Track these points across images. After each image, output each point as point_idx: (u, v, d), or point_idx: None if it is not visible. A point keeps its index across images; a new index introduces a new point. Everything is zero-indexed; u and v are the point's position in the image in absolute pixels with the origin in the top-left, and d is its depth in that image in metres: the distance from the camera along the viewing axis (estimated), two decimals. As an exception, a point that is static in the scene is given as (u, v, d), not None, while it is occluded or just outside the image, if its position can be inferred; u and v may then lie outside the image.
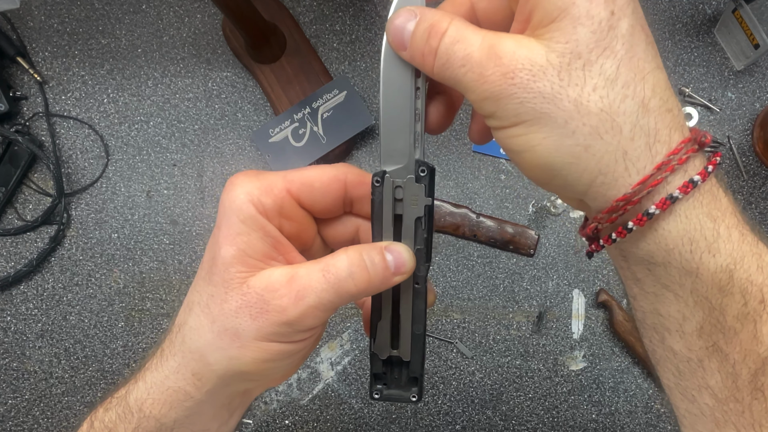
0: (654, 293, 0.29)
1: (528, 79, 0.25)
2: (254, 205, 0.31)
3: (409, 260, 0.32)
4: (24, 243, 0.83)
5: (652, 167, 0.25)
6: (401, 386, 0.37)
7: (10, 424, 0.81)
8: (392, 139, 0.33)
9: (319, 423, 0.80)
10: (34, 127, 0.84)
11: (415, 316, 0.35)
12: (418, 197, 0.33)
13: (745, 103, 0.80)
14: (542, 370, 0.79)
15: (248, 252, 0.31)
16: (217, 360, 0.32)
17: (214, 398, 0.34)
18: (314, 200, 0.34)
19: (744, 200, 0.79)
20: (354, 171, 0.34)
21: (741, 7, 0.74)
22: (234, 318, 0.31)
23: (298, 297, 0.30)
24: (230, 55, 0.83)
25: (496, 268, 0.81)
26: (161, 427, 0.34)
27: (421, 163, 0.33)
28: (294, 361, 0.34)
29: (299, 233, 0.34)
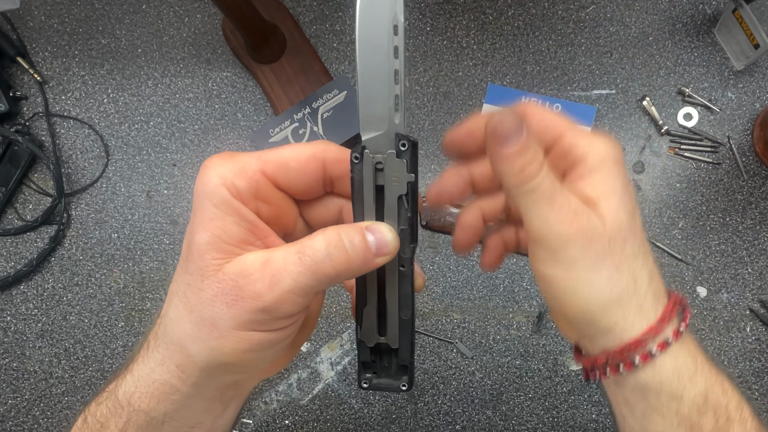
0: (643, 414, 0.35)
1: (590, 237, 0.31)
2: (227, 188, 0.30)
3: (391, 240, 0.31)
4: (24, 243, 0.83)
5: (656, 319, 0.33)
6: (391, 375, 0.36)
7: (10, 424, 0.81)
8: (370, 102, 0.31)
9: (319, 423, 0.80)
10: (34, 127, 0.84)
11: (402, 300, 0.34)
12: (400, 174, 0.31)
13: (745, 103, 0.80)
14: (542, 370, 0.79)
15: (223, 238, 0.30)
16: (198, 351, 0.31)
17: (202, 391, 0.33)
18: (291, 181, 0.32)
19: (744, 200, 0.79)
20: (332, 148, 0.32)
21: (741, 7, 0.74)
22: (210, 307, 0.30)
23: (273, 281, 0.29)
24: (230, 55, 0.83)
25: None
26: (151, 420, 0.33)
27: (402, 137, 0.31)
28: (278, 350, 0.33)
29: (278, 216, 0.33)
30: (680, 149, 0.80)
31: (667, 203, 0.80)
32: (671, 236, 0.79)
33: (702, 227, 0.79)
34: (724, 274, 0.79)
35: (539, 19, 0.82)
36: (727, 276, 0.79)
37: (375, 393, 0.80)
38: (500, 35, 0.82)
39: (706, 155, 0.80)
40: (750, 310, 0.78)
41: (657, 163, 0.80)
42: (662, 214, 0.80)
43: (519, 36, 0.82)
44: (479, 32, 0.82)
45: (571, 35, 0.82)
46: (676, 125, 0.80)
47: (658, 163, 0.80)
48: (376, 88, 0.31)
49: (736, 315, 0.78)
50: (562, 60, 0.81)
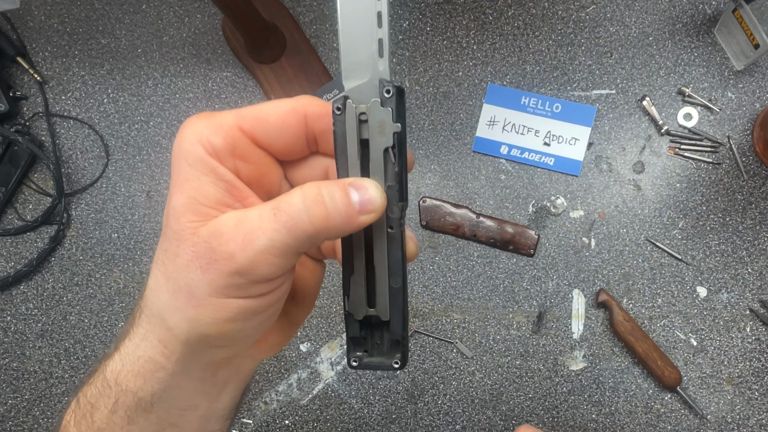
0: None
1: None
2: (203, 146, 0.28)
3: (377, 197, 0.28)
4: (24, 243, 0.83)
5: None
6: (383, 353, 0.33)
7: (10, 424, 0.81)
8: (352, 47, 0.28)
9: (319, 423, 0.80)
10: (34, 127, 0.84)
11: (392, 266, 0.31)
12: (385, 123, 0.29)
13: (745, 103, 0.80)
14: (542, 370, 0.79)
15: (199, 199, 0.28)
16: (177, 323, 0.29)
17: (188, 369, 0.31)
18: (271, 137, 0.29)
19: (744, 200, 0.79)
20: (315, 102, 0.30)
21: (741, 7, 0.74)
22: (186, 273, 0.27)
23: (246, 240, 0.26)
24: (230, 55, 0.83)
25: (496, 268, 0.81)
26: (139, 402, 0.31)
27: (386, 83, 0.28)
28: (263, 321, 0.30)
29: (260, 177, 0.30)
30: (680, 149, 0.80)
31: (667, 203, 0.80)
32: (671, 236, 0.79)
33: (702, 227, 0.79)
34: (724, 274, 0.79)
35: (539, 19, 0.82)
36: (727, 276, 0.79)
37: (375, 393, 0.80)
38: (500, 35, 0.82)
39: (706, 155, 0.80)
40: (750, 310, 0.78)
41: (657, 163, 0.80)
42: (662, 214, 0.80)
43: (519, 36, 0.82)
44: (479, 32, 0.82)
45: (571, 35, 0.82)
46: (676, 125, 0.80)
47: (658, 163, 0.80)
48: (358, 31, 0.28)
49: (736, 315, 0.78)
50: (562, 60, 0.81)
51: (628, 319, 0.77)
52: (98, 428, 0.33)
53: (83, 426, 0.33)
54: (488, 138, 0.81)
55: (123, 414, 0.32)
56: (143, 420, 0.32)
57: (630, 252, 0.80)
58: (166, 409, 0.32)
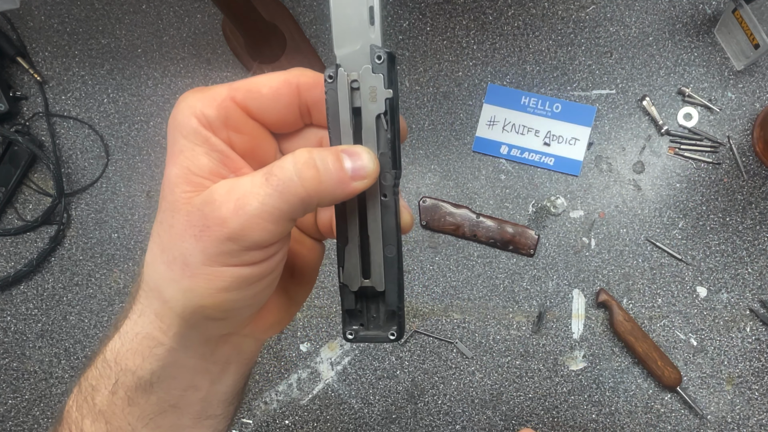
0: None
1: None
2: (197, 118, 0.28)
3: (369, 162, 0.28)
4: (24, 243, 0.83)
5: None
6: (379, 325, 0.32)
7: (10, 424, 0.81)
8: (344, 13, 0.28)
9: (319, 423, 0.80)
10: (34, 127, 0.84)
11: (386, 235, 0.30)
12: (376, 90, 0.29)
13: (745, 103, 0.80)
14: (542, 370, 0.79)
15: (193, 169, 0.28)
16: (173, 295, 0.29)
17: (187, 345, 0.31)
18: (264, 108, 0.30)
19: (744, 200, 0.79)
20: (307, 73, 0.30)
21: (741, 7, 0.74)
22: (180, 242, 0.27)
23: (238, 205, 0.26)
24: (230, 55, 0.83)
25: (496, 268, 0.81)
26: (139, 381, 0.31)
27: (377, 49, 0.28)
28: (258, 292, 0.30)
29: (254, 149, 0.30)
30: (680, 149, 0.80)
31: (667, 203, 0.80)
32: (671, 236, 0.79)
33: (702, 227, 0.79)
34: (724, 274, 0.79)
35: (539, 19, 0.82)
36: (727, 276, 0.79)
37: (375, 393, 0.80)
38: (500, 35, 0.82)
39: (706, 155, 0.80)
40: (750, 310, 0.78)
41: (657, 163, 0.80)
42: (662, 214, 0.80)
43: (519, 36, 0.82)
44: (479, 32, 0.82)
45: (571, 35, 0.82)
46: (676, 125, 0.80)
47: (658, 163, 0.80)
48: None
49: (736, 315, 0.78)
50: (562, 60, 0.81)
51: (628, 319, 0.77)
52: (99, 411, 0.32)
53: (84, 409, 0.33)
54: (488, 138, 0.81)
55: (123, 395, 0.32)
56: (143, 401, 0.32)
57: (630, 252, 0.80)
58: (165, 390, 0.32)
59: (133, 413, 0.32)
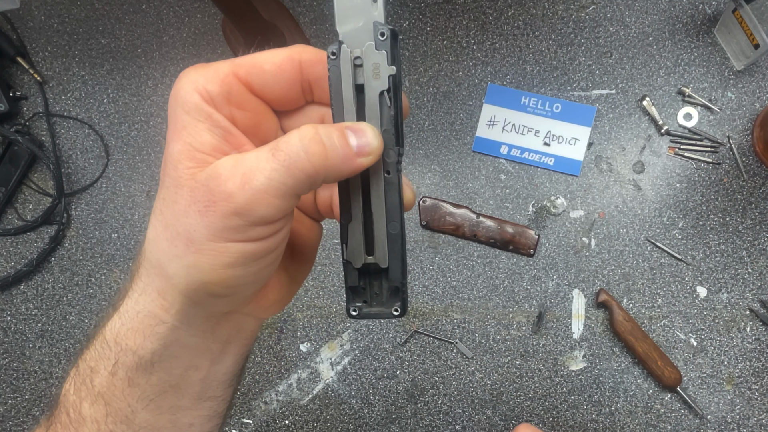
0: None
1: None
2: (199, 93, 0.28)
3: (374, 139, 0.29)
4: (24, 243, 0.83)
5: None
6: (383, 302, 0.33)
7: (10, 424, 0.81)
8: None
9: (319, 423, 0.80)
10: (34, 127, 0.84)
11: (389, 212, 0.30)
12: (380, 67, 0.29)
13: (745, 103, 0.80)
14: (542, 370, 0.79)
15: (195, 145, 0.28)
16: (176, 271, 0.28)
17: (189, 322, 0.31)
18: (266, 85, 0.30)
19: (744, 200, 0.79)
20: (309, 50, 0.30)
21: (741, 7, 0.74)
22: (184, 218, 0.27)
23: (245, 180, 0.26)
24: (230, 55, 0.83)
25: (496, 268, 0.81)
26: (140, 361, 0.31)
27: (380, 26, 0.28)
28: (261, 268, 0.30)
29: (256, 125, 0.30)
30: (680, 149, 0.80)
31: (667, 203, 0.80)
32: (671, 236, 0.79)
33: (702, 227, 0.79)
34: (724, 274, 0.79)
35: (539, 19, 0.82)
36: (727, 276, 0.79)
37: (375, 393, 0.80)
38: (500, 35, 0.82)
39: (706, 155, 0.80)
40: (750, 310, 0.78)
41: (657, 163, 0.80)
42: (662, 214, 0.80)
43: (519, 36, 0.82)
44: (479, 32, 0.82)
45: (571, 35, 0.82)
46: (676, 125, 0.80)
47: (658, 163, 0.80)
48: None
49: (736, 315, 0.78)
50: (562, 60, 0.81)
51: (628, 319, 0.77)
52: (98, 393, 0.32)
53: (83, 391, 0.33)
54: (488, 138, 0.81)
55: (123, 375, 0.31)
56: (144, 381, 0.32)
57: (630, 252, 0.80)
58: (166, 369, 0.32)
59: (133, 394, 0.32)
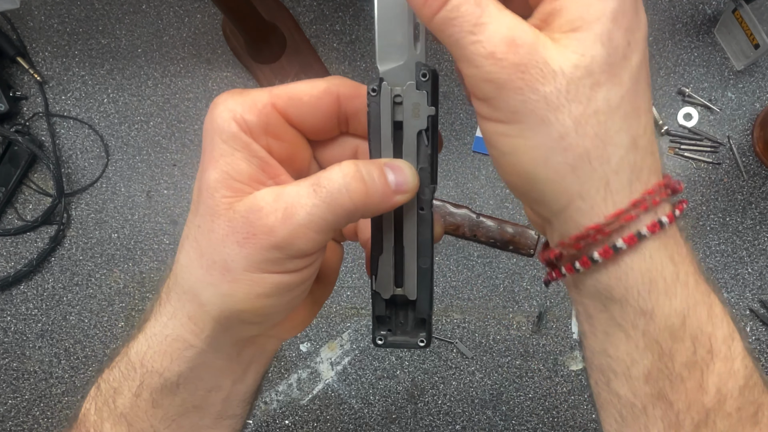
0: (605, 332, 0.29)
1: (538, 78, 0.24)
2: (237, 122, 0.28)
3: (412, 178, 0.29)
4: (24, 243, 0.83)
5: (629, 202, 0.25)
6: (407, 332, 0.33)
7: (10, 424, 0.81)
8: (389, 29, 0.28)
9: (319, 423, 0.80)
10: (34, 127, 0.84)
11: (421, 247, 0.31)
12: (420, 106, 0.29)
13: (745, 103, 0.80)
14: (542, 370, 0.79)
15: (233, 174, 0.28)
16: (209, 299, 0.28)
17: (218, 347, 0.31)
18: (304, 116, 0.30)
19: (744, 200, 0.79)
20: (347, 83, 0.30)
21: (741, 7, 0.74)
22: (222, 248, 0.27)
23: (286, 215, 0.26)
24: (230, 55, 0.83)
25: (496, 268, 0.81)
26: (165, 383, 0.31)
27: (422, 66, 0.29)
28: (295, 298, 0.30)
29: (291, 156, 0.30)
30: (680, 149, 0.80)
31: (667, 203, 0.80)
32: (671, 236, 0.79)
33: (702, 227, 0.79)
34: (724, 274, 0.79)
35: (539, 19, 0.82)
36: (727, 276, 0.79)
37: (375, 393, 0.80)
38: (500, 35, 0.82)
39: (706, 155, 0.80)
40: (750, 310, 0.78)
41: (657, 163, 0.80)
42: (662, 214, 0.80)
43: (519, 36, 0.82)
44: (479, 32, 0.82)
45: (571, 35, 0.82)
46: (676, 125, 0.80)
47: (658, 163, 0.80)
48: (395, 14, 0.28)
49: (736, 315, 0.78)
50: (562, 60, 0.81)
51: (628, 319, 0.77)
52: (120, 414, 0.32)
53: (105, 412, 0.33)
54: (488, 138, 0.81)
55: (147, 396, 0.31)
56: (168, 402, 0.32)
57: (630, 252, 0.79)
58: (191, 391, 0.32)
59: (156, 415, 0.32)
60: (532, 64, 0.24)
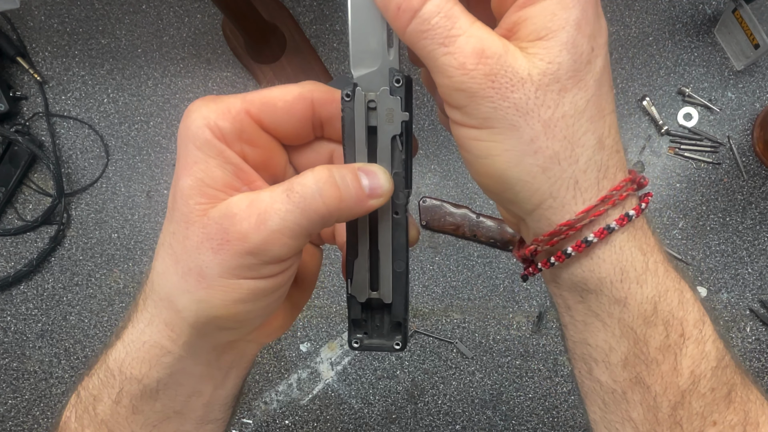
0: (583, 322, 0.30)
1: (507, 86, 0.25)
2: (210, 129, 0.28)
3: (385, 182, 0.29)
4: (24, 243, 0.83)
5: (597, 199, 0.27)
6: (383, 335, 0.34)
7: (10, 424, 0.81)
8: (362, 35, 0.29)
9: (319, 423, 0.80)
10: (34, 127, 0.84)
11: (396, 251, 0.32)
12: (393, 112, 0.29)
13: (745, 103, 0.80)
14: (542, 370, 0.79)
15: (207, 181, 0.28)
16: (186, 305, 0.28)
17: (195, 352, 0.31)
18: (278, 122, 0.30)
19: (744, 200, 0.79)
20: (322, 88, 0.30)
21: (741, 7, 0.74)
22: (197, 255, 0.27)
23: (260, 221, 0.27)
24: (230, 55, 0.83)
25: (496, 268, 0.81)
26: (144, 389, 0.31)
27: (396, 72, 0.29)
28: (271, 303, 0.30)
29: (266, 161, 0.30)
30: (680, 149, 0.80)
31: (667, 203, 0.80)
32: (671, 236, 0.79)
33: (702, 227, 0.79)
34: (724, 274, 0.79)
35: (539, 19, 0.82)
36: (727, 276, 0.79)
37: (375, 393, 0.80)
38: (500, 35, 0.82)
39: (706, 155, 0.80)
40: (750, 310, 0.78)
41: (657, 163, 0.80)
42: (662, 214, 0.80)
43: (519, 36, 0.82)
44: (479, 32, 0.82)
45: (571, 35, 0.82)
46: (676, 125, 0.80)
47: (658, 163, 0.80)
48: (368, 20, 0.28)
49: (736, 315, 0.78)
50: (562, 60, 0.81)
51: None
52: (101, 420, 0.32)
53: (85, 420, 0.33)
54: (488, 138, 0.81)
55: (128, 403, 0.31)
56: (148, 408, 0.32)
57: (630, 252, 0.79)
58: (171, 397, 0.32)
59: (137, 421, 0.32)
60: (502, 74, 0.25)
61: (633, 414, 0.30)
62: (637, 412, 0.30)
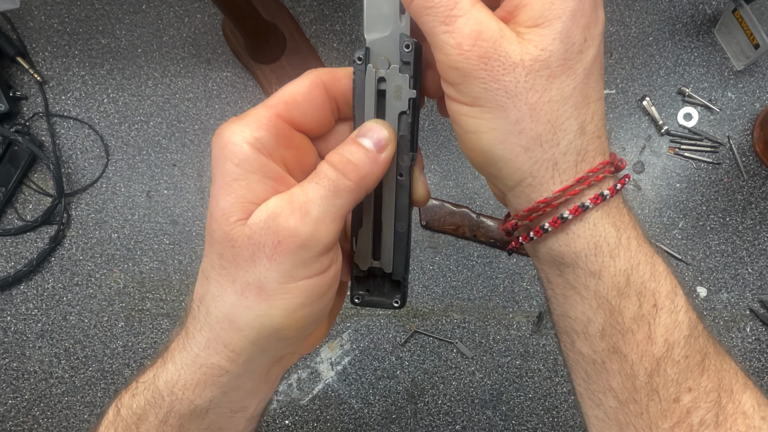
0: (563, 295, 0.32)
1: (499, 69, 0.27)
2: (249, 144, 0.29)
3: (384, 131, 0.30)
4: (24, 243, 0.83)
5: (574, 179, 0.29)
6: (383, 293, 0.35)
7: (10, 424, 0.81)
8: (376, 1, 0.30)
9: (319, 423, 0.80)
10: (34, 127, 0.84)
11: (398, 211, 0.33)
12: (401, 89, 0.31)
13: (745, 103, 0.80)
14: (542, 370, 0.79)
15: (249, 197, 0.28)
16: (247, 323, 0.29)
17: (252, 369, 0.31)
18: (305, 116, 0.31)
19: (744, 200, 0.79)
20: (326, 71, 0.31)
21: (741, 7, 0.74)
22: (252, 267, 0.28)
23: (303, 212, 0.28)
24: (230, 55, 0.83)
25: (496, 268, 0.81)
26: (195, 409, 0.31)
27: (405, 38, 0.30)
28: (325, 304, 0.31)
29: (300, 160, 0.31)
30: (680, 149, 0.80)
31: (667, 203, 0.80)
32: (671, 236, 0.79)
33: (702, 227, 0.79)
34: (724, 274, 0.79)
35: (539, 19, 0.82)
36: (727, 276, 0.79)
37: (375, 393, 0.80)
38: (500, 35, 0.82)
39: (706, 155, 0.80)
40: (750, 310, 0.78)
41: (657, 163, 0.80)
42: (662, 214, 0.80)
43: (519, 36, 0.82)
44: (479, 32, 0.82)
45: (571, 35, 0.82)
46: (676, 125, 0.80)
47: (658, 163, 0.80)
48: None
49: (736, 315, 0.78)
50: (562, 60, 0.81)
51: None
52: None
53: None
54: (488, 138, 0.81)
55: (175, 422, 0.32)
56: (195, 427, 0.32)
57: (630, 252, 0.79)
58: (219, 414, 0.33)
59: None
60: (495, 57, 0.27)
61: (613, 383, 0.32)
62: (616, 381, 0.31)
